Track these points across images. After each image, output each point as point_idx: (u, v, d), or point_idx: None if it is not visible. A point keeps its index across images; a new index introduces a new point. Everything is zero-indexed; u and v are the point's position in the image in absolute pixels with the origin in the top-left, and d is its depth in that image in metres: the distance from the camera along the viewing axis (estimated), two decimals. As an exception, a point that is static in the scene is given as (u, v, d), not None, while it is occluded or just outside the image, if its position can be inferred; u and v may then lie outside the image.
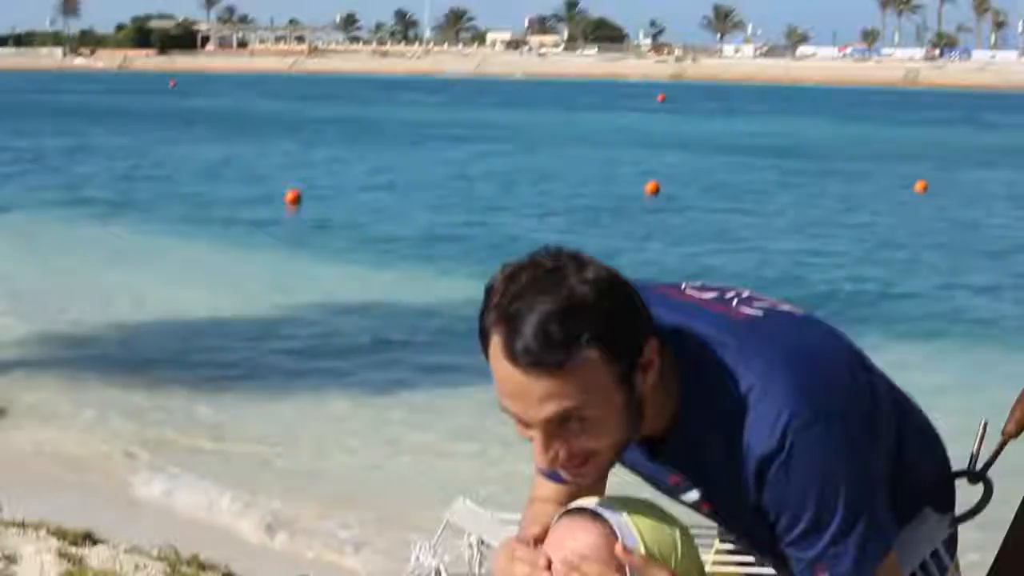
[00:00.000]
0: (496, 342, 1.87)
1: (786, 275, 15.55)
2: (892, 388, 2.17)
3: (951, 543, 2.28)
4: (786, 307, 2.11)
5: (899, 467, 2.11)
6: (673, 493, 2.14)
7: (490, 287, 1.90)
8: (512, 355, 1.84)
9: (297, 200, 22.72)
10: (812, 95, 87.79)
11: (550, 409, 1.86)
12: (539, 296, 1.84)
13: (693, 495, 2.10)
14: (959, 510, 2.29)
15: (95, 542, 5.78)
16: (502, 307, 1.86)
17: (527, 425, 1.91)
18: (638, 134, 42.85)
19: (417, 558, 2.57)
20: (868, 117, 58.21)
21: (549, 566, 1.91)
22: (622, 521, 1.93)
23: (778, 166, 30.97)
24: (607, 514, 1.94)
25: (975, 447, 2.31)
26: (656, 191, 24.67)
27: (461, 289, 13.37)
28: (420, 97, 75.16)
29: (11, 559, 5.37)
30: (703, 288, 2.13)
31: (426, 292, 14.31)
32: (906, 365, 8.74)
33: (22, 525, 5.87)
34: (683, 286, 2.13)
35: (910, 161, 32.43)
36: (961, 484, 2.31)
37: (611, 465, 2.02)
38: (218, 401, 9.99)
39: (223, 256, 16.91)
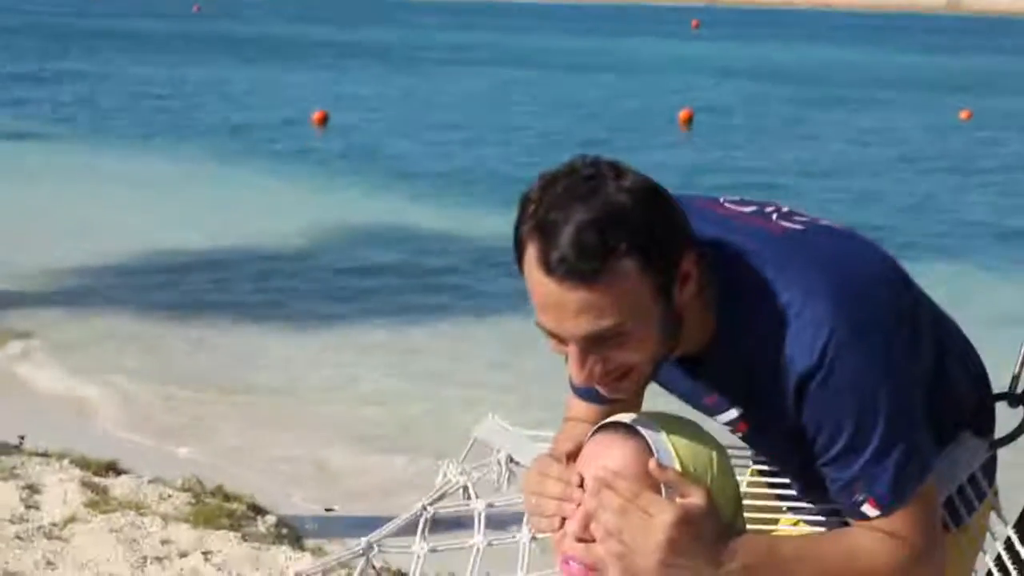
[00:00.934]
0: (531, 252, 1.81)
1: (827, 210, 15.39)
2: (933, 307, 2.12)
3: (989, 468, 2.22)
4: (826, 222, 2.06)
5: (938, 388, 2.05)
6: (709, 412, 2.10)
7: (526, 196, 1.85)
8: (547, 265, 1.79)
9: (324, 120, 22.63)
10: (852, 20, 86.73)
11: (586, 326, 1.81)
12: (576, 205, 1.78)
13: (730, 414, 2.06)
14: (999, 434, 2.22)
15: (119, 472, 5.78)
16: (537, 216, 1.81)
17: (562, 340, 1.85)
18: (671, 61, 42.42)
19: (445, 475, 2.55)
20: (910, 44, 57.44)
21: (581, 483, 1.87)
22: (657, 437, 1.88)
23: (817, 95, 30.61)
24: (642, 430, 1.89)
25: (1016, 369, 2.23)
26: (690, 120, 24.41)
27: (487, 219, 13.33)
28: (447, 20, 74.56)
29: (34, 489, 5.37)
30: (742, 202, 2.08)
31: (450, 221, 14.26)
32: (951, 292, 8.62)
33: (45, 455, 5.88)
34: (722, 199, 2.09)
35: (954, 90, 31.97)
36: (1001, 408, 2.24)
37: (648, 381, 1.98)
38: (241, 333, 9.99)
39: (248, 184, 16.85)
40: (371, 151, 19.99)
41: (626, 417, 1.94)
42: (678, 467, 1.86)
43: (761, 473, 2.33)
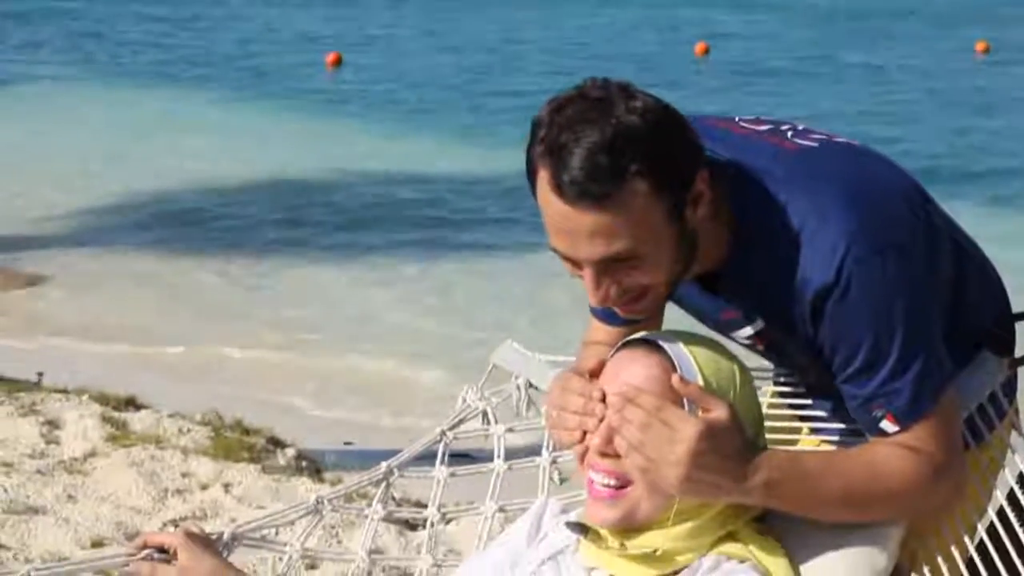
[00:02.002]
0: (543, 176, 1.81)
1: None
2: (952, 225, 2.09)
3: (1009, 387, 2.20)
4: (842, 139, 2.04)
5: (957, 306, 2.03)
6: (728, 328, 2.09)
7: (536, 121, 1.84)
8: (559, 188, 1.78)
9: (338, 62, 22.48)
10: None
11: (600, 249, 1.80)
12: (586, 127, 1.77)
13: (748, 331, 2.05)
14: (1019, 354, 2.20)
15: (138, 407, 5.82)
16: (549, 140, 1.80)
17: (577, 264, 1.85)
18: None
19: (464, 400, 2.54)
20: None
21: (603, 399, 1.87)
22: (680, 353, 1.88)
23: (829, 28, 30.20)
24: (665, 345, 1.88)
25: (1036, 287, 2.19)
26: (706, 52, 24.17)
27: (501, 157, 13.22)
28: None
29: (54, 424, 5.41)
30: (757, 121, 2.06)
31: (463, 160, 14.17)
32: (975, 224, 8.51)
33: (64, 391, 5.91)
34: (736, 119, 2.07)
35: (965, 21, 31.50)
36: (1021, 327, 2.22)
37: (665, 300, 1.98)
38: (258, 268, 10.01)
39: (261, 125, 16.75)
40: (384, 92, 19.87)
41: (648, 334, 1.94)
42: (701, 382, 1.86)
43: (782, 395, 2.33)
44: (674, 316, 2.13)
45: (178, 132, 15.93)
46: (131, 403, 5.88)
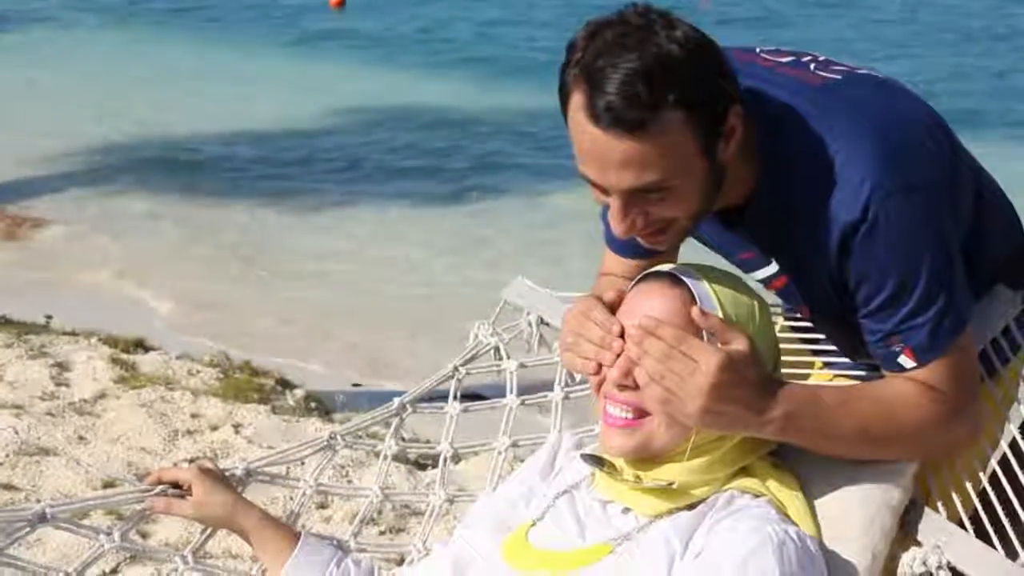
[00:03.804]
0: (576, 99, 1.78)
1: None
2: (971, 159, 2.08)
3: (1024, 320, 2.20)
4: (864, 70, 2.01)
5: (974, 241, 2.02)
6: (745, 268, 2.08)
7: (572, 43, 1.80)
8: (594, 113, 1.75)
9: (342, 2, 22.29)
10: None
11: (630, 179, 1.78)
12: (625, 53, 1.74)
13: (768, 269, 2.04)
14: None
15: (147, 349, 5.83)
16: (585, 63, 1.76)
17: (605, 191, 1.83)
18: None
19: (475, 336, 2.54)
20: None
21: (623, 334, 1.86)
22: (700, 286, 1.87)
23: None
24: (685, 279, 1.88)
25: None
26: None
27: (508, 100, 13.13)
28: None
29: (64, 366, 5.42)
30: (778, 52, 2.03)
31: (473, 102, 14.06)
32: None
33: (73, 334, 5.92)
34: (758, 50, 2.03)
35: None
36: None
37: (688, 234, 1.95)
38: (266, 212, 9.97)
39: (264, 64, 16.61)
40: (390, 33, 19.71)
41: (668, 267, 1.93)
42: (721, 315, 1.85)
43: (793, 329, 2.32)
44: (689, 252, 2.12)
45: (182, 75, 15.81)
46: (140, 345, 5.89)
